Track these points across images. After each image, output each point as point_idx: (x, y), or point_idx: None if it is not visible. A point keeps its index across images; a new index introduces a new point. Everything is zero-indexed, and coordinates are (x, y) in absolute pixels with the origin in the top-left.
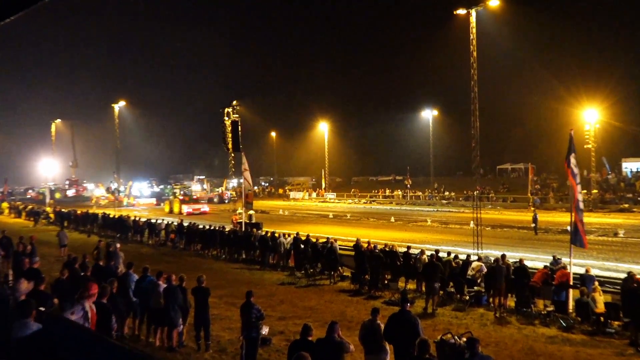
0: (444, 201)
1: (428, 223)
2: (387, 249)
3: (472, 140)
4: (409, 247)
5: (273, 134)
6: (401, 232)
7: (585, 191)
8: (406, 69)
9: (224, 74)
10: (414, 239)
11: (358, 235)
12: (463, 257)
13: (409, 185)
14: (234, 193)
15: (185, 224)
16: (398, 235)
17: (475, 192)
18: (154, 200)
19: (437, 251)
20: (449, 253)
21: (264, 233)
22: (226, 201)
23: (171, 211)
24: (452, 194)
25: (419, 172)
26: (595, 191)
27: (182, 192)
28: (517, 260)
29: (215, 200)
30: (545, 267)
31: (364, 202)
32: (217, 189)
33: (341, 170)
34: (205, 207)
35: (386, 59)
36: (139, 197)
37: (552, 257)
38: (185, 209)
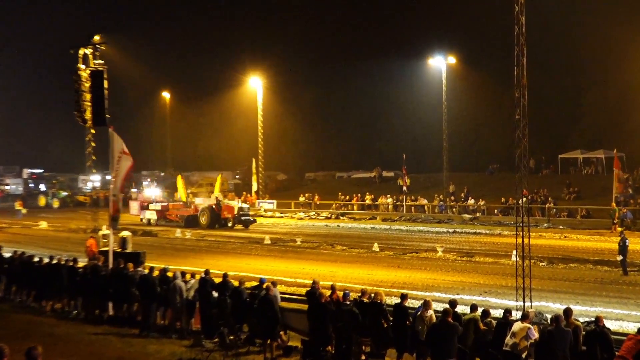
0: (467, 215)
1: (438, 254)
2: (366, 300)
3: (516, 112)
4: (404, 297)
5: (166, 96)
6: (391, 269)
7: None
8: None
9: None
10: (414, 281)
11: (315, 276)
12: (498, 314)
13: (405, 188)
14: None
15: (6, 254)
16: (385, 274)
17: (520, 201)
18: None
19: (453, 303)
20: (473, 307)
21: (147, 272)
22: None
23: None
24: (482, 202)
25: (423, 165)
26: None
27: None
28: (592, 319)
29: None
30: None
31: (327, 217)
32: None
33: (287, 162)
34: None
35: None
36: None
37: None
38: None
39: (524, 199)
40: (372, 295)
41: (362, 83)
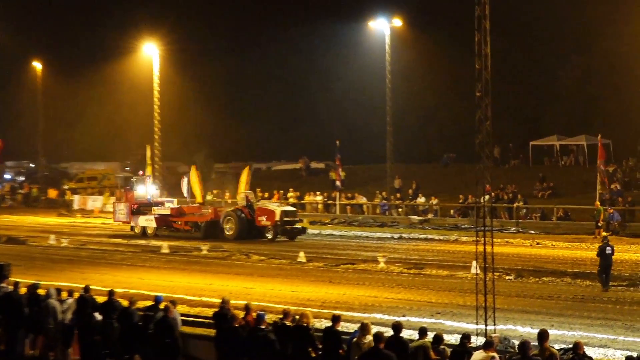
0: (416, 217)
1: (380, 265)
2: (289, 324)
3: (477, 88)
4: (336, 319)
5: (37, 66)
6: (321, 284)
7: None
8: None
9: None
10: (349, 300)
11: (226, 294)
12: (454, 340)
13: (338, 183)
14: None
15: None
16: (314, 291)
17: (482, 199)
18: None
19: (397, 327)
20: (423, 332)
21: (11, 288)
22: None
23: None
24: (434, 201)
25: (361, 154)
26: None
27: None
28: (571, 346)
29: None
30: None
31: None
32: None
33: (190, 151)
34: None
35: None
36: None
37: None
38: None
39: (487, 197)
40: (297, 317)
41: (285, 53)
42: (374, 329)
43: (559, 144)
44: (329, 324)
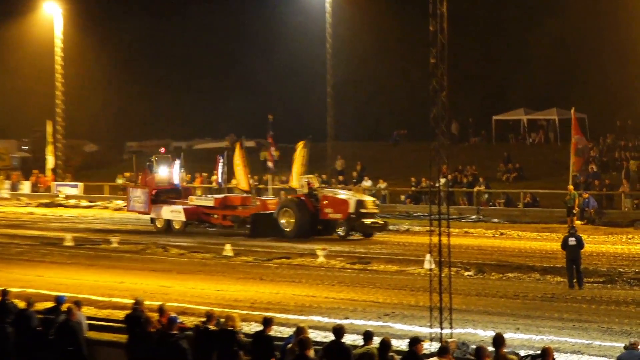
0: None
1: (319, 260)
2: (212, 328)
3: (431, 53)
4: (268, 322)
5: None
6: (251, 282)
7: None
8: None
9: None
10: (283, 300)
11: (140, 293)
12: (404, 346)
13: (271, 164)
14: None
15: None
16: (242, 290)
17: (439, 183)
18: None
19: (338, 331)
20: (368, 336)
21: None
22: None
23: None
24: (382, 185)
25: (298, 131)
26: None
27: None
28: (538, 353)
29: None
30: None
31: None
32: None
33: (99, 127)
34: None
35: None
36: None
37: (622, 346)
38: None
39: (443, 180)
40: (222, 320)
41: (209, 13)
42: (312, 334)
43: (526, 118)
44: (260, 327)
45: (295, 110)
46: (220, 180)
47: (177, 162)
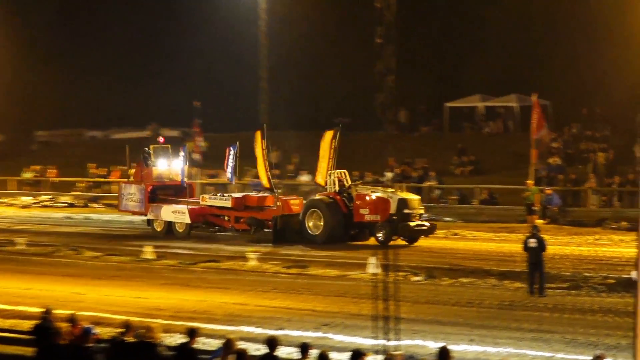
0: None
1: (251, 263)
2: (130, 340)
3: (377, 33)
4: (192, 334)
5: None
6: (174, 289)
7: None
8: None
9: None
10: (210, 308)
11: (50, 301)
12: (344, 358)
13: (197, 156)
14: None
15: None
16: (165, 297)
17: (385, 177)
18: None
19: (272, 343)
20: (305, 348)
21: None
22: None
23: None
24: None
25: (228, 119)
26: None
27: None
28: None
29: None
30: None
31: (69, 204)
32: None
33: (7, 115)
34: None
35: None
36: None
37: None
38: None
39: (390, 174)
40: (142, 331)
41: None
42: (242, 346)
43: (483, 105)
44: (184, 339)
45: (225, 97)
46: (230, 176)
47: (182, 155)
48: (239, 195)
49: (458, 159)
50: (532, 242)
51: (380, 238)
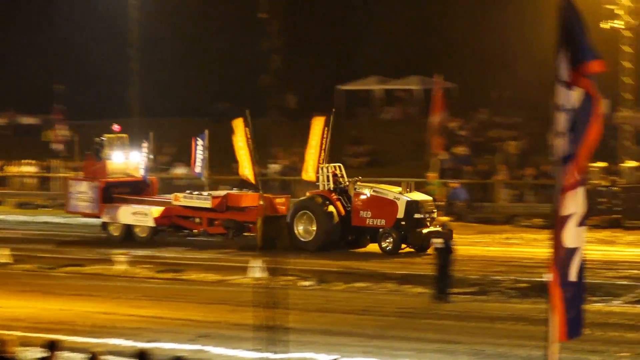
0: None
1: (119, 267)
2: None
3: (261, 5)
4: (53, 347)
5: None
6: (33, 296)
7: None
8: None
9: None
10: (74, 318)
11: None
12: None
13: (58, 146)
14: None
15: None
16: (22, 306)
17: (268, 169)
18: None
19: (142, 357)
20: None
21: None
22: None
23: None
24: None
25: (95, 105)
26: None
27: None
28: None
29: None
30: None
31: None
32: None
33: None
34: None
35: None
36: None
37: None
38: None
39: (276, 166)
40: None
41: None
42: None
43: (380, 88)
44: (44, 354)
45: (91, 79)
46: (199, 170)
47: (144, 146)
48: (221, 193)
49: (353, 149)
50: (438, 242)
51: (384, 246)
